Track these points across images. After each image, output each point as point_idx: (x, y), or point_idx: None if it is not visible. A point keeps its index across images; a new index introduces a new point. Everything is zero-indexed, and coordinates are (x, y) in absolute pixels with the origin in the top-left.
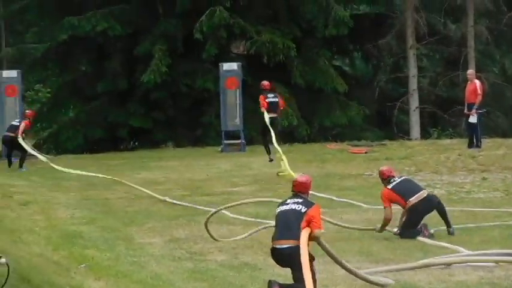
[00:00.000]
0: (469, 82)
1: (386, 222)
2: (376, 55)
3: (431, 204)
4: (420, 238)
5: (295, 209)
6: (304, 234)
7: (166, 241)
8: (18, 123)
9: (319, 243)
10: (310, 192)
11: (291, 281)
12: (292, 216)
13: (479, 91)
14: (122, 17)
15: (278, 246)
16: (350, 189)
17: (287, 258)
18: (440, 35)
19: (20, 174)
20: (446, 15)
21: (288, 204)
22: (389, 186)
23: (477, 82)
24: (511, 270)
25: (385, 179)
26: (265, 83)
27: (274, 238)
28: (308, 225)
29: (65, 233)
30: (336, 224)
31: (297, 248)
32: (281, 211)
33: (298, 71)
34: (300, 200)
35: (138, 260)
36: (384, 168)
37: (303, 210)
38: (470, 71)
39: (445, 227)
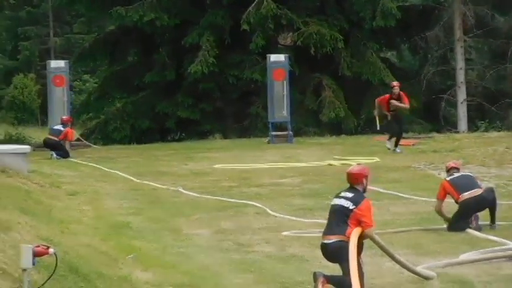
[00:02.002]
0: None
1: (438, 213)
2: (424, 47)
3: (484, 202)
4: (469, 230)
5: (343, 205)
6: (355, 234)
7: (214, 232)
8: (61, 128)
9: (372, 239)
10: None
11: (336, 273)
12: (340, 213)
13: None
14: (170, 7)
15: (326, 241)
16: (397, 181)
17: (333, 252)
18: (488, 28)
19: (69, 165)
20: (494, 8)
21: (340, 197)
22: (448, 178)
23: None
24: None
25: (448, 171)
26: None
27: (323, 233)
28: (358, 223)
29: (113, 224)
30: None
31: (342, 243)
32: (332, 205)
33: (346, 62)
34: (350, 195)
35: (186, 251)
36: (450, 162)
37: (351, 207)
38: None
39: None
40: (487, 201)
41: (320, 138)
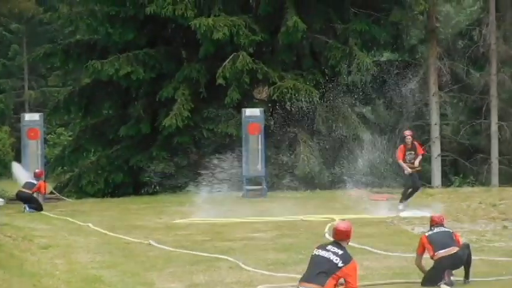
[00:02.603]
0: None
1: (417, 267)
2: (399, 102)
3: (459, 261)
4: (442, 286)
5: (332, 260)
6: None
7: (186, 286)
8: (35, 182)
9: None
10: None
11: None
12: (327, 265)
13: None
14: (146, 61)
15: None
16: (371, 236)
17: None
18: (463, 83)
19: (41, 218)
20: (470, 64)
21: (327, 250)
22: (427, 234)
23: None
24: None
25: (431, 225)
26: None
27: (303, 279)
28: (337, 280)
29: (86, 277)
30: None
31: None
32: (318, 255)
33: (321, 117)
34: (340, 252)
35: None
36: (435, 215)
37: (340, 264)
38: None
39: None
40: (462, 260)
41: (294, 193)
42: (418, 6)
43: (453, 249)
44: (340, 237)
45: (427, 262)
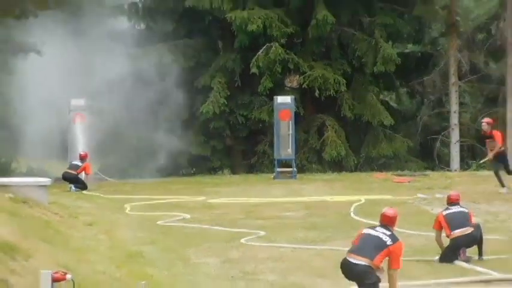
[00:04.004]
0: None
1: (437, 242)
2: (421, 91)
3: (473, 240)
4: (457, 262)
5: (382, 238)
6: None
7: (222, 261)
8: (80, 164)
9: (393, 281)
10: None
11: None
12: (377, 242)
13: None
14: (185, 50)
15: (352, 260)
16: None
17: (357, 274)
18: (481, 73)
19: (86, 197)
20: (488, 55)
21: (377, 231)
22: (444, 213)
23: None
24: None
25: (448, 203)
26: None
27: (351, 251)
28: (384, 258)
29: (127, 253)
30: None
31: (368, 268)
32: (368, 233)
33: (348, 104)
34: (389, 233)
35: (194, 278)
36: (452, 193)
37: (388, 242)
38: None
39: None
40: (476, 239)
41: (322, 175)
42: (440, 1)
43: (468, 230)
44: (387, 221)
45: (444, 240)
